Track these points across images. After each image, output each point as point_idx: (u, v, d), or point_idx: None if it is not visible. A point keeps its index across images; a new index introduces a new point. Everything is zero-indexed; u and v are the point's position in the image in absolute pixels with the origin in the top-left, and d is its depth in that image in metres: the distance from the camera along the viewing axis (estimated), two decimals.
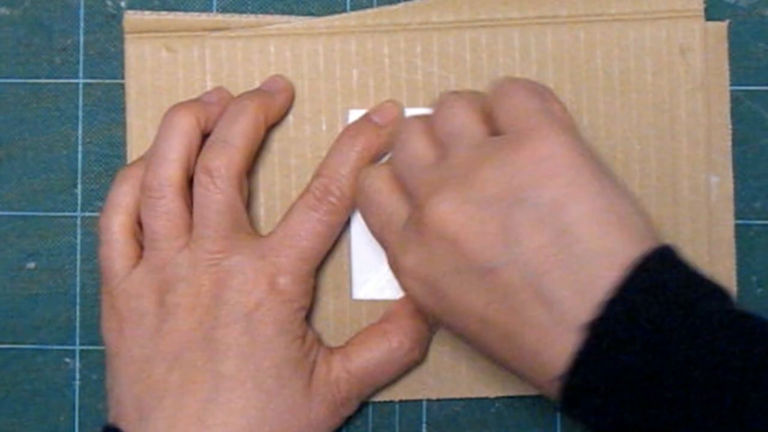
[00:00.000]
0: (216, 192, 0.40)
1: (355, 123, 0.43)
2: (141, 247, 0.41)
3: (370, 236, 0.41)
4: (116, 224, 0.41)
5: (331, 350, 0.42)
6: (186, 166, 0.40)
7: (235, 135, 0.40)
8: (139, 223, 0.41)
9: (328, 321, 0.44)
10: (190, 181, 0.41)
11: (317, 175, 0.41)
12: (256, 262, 0.40)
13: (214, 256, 0.40)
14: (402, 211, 0.38)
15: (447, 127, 0.37)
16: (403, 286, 0.38)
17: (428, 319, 0.43)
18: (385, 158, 0.43)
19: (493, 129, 0.37)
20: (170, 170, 0.40)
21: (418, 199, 0.37)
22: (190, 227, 0.40)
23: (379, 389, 0.43)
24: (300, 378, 0.40)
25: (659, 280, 0.33)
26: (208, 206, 0.40)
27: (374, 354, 0.42)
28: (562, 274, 0.33)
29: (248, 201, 0.43)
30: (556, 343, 0.33)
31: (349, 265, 0.44)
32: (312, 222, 0.41)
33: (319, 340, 0.42)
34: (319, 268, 0.43)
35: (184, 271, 0.40)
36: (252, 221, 0.43)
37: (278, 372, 0.39)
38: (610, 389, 0.32)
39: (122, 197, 0.41)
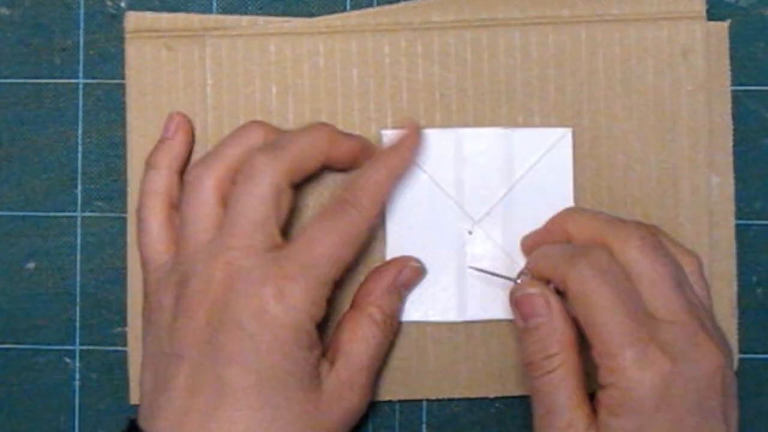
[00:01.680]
0: (253, 190, 0.39)
1: (385, 150, 0.43)
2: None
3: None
4: (152, 212, 0.42)
5: (333, 355, 0.41)
6: (233, 172, 0.41)
7: (293, 142, 0.41)
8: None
9: None
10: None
11: (342, 188, 0.41)
12: (268, 266, 0.39)
13: (230, 254, 0.39)
14: None
15: None
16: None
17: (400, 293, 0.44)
18: None
19: None
20: (219, 164, 0.40)
21: None
22: (219, 224, 0.40)
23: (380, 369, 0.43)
24: (306, 390, 0.39)
25: None
26: (243, 203, 0.39)
27: (370, 343, 0.41)
28: None
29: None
30: None
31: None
32: (330, 233, 0.40)
33: (325, 351, 0.41)
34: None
35: (201, 266, 0.39)
36: None
37: (283, 385, 0.38)
38: None
39: (157, 183, 0.42)
